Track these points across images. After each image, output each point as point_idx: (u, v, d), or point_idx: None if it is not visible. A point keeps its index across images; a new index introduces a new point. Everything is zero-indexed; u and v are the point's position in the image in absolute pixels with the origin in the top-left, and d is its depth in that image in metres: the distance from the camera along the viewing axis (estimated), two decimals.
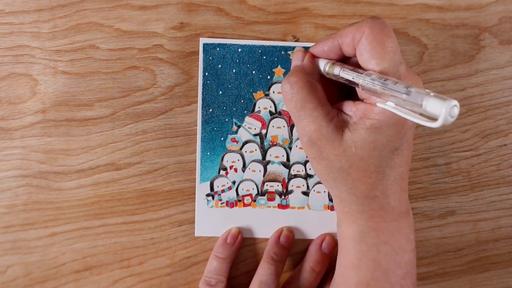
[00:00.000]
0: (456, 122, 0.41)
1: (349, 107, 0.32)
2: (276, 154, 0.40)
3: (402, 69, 0.30)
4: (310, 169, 0.41)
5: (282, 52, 0.39)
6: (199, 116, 0.40)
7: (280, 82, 0.40)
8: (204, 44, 0.39)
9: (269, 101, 0.40)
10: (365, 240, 0.33)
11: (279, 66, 0.39)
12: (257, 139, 0.40)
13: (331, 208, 0.41)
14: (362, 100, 0.32)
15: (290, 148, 0.40)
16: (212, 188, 0.41)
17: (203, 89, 0.39)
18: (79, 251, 0.41)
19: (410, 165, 0.34)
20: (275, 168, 0.41)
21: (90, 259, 0.41)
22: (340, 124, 0.31)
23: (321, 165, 0.32)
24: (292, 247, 0.41)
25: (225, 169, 0.40)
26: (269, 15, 0.39)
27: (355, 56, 0.31)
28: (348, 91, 0.35)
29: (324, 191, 0.41)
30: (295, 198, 0.41)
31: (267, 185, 0.41)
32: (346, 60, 0.33)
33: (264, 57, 0.39)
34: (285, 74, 0.40)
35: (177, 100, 0.40)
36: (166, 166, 0.40)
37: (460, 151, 0.42)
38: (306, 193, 0.41)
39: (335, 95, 0.35)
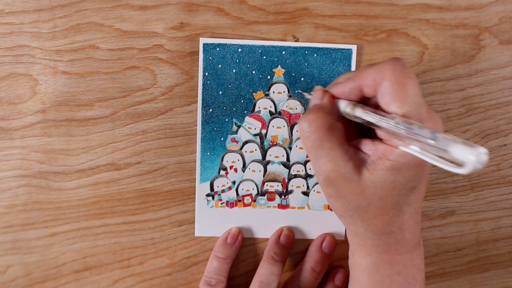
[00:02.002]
0: (456, 122, 0.41)
1: (368, 146, 0.32)
2: (276, 154, 0.40)
3: (423, 111, 0.30)
4: (310, 169, 0.41)
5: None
6: (199, 116, 0.40)
7: (280, 82, 0.40)
8: (204, 44, 0.39)
9: (269, 101, 0.40)
10: (379, 271, 0.34)
11: (279, 66, 0.39)
12: (257, 139, 0.40)
13: (331, 208, 0.41)
14: (381, 140, 0.31)
15: (290, 148, 0.40)
16: (212, 188, 0.41)
17: (203, 89, 0.39)
18: (79, 251, 0.41)
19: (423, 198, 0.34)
20: (275, 168, 0.41)
21: (90, 259, 0.41)
22: (358, 164, 0.31)
23: (338, 203, 0.32)
24: (292, 247, 0.41)
25: (225, 169, 0.40)
26: (269, 15, 0.39)
27: (375, 97, 0.31)
28: (365, 128, 0.34)
29: None
30: (295, 198, 0.41)
31: (267, 185, 0.41)
32: (365, 100, 0.33)
33: (264, 57, 0.39)
34: (285, 74, 0.40)
35: (177, 100, 0.40)
36: (166, 166, 0.40)
37: None
38: (306, 193, 0.41)
39: (353, 131, 0.35)
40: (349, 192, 0.31)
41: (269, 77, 0.40)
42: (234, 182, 0.41)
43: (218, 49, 0.39)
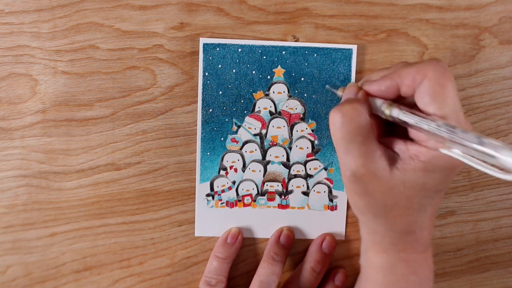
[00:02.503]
0: None
1: (399, 145, 0.31)
2: (276, 154, 0.40)
3: (462, 116, 0.29)
4: (310, 169, 0.41)
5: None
6: (199, 116, 0.40)
7: (280, 82, 0.40)
8: (204, 44, 0.39)
9: (269, 101, 0.40)
10: (395, 270, 0.33)
11: (279, 66, 0.39)
12: (257, 139, 0.40)
13: (331, 208, 0.41)
14: (412, 140, 0.31)
15: (290, 148, 0.40)
16: (212, 188, 0.41)
17: (203, 89, 0.39)
18: (79, 251, 0.41)
19: None
20: (275, 168, 0.41)
21: (90, 259, 0.41)
22: (388, 162, 0.31)
23: (363, 201, 0.32)
24: (292, 247, 0.41)
25: (225, 169, 0.40)
26: (269, 15, 0.39)
27: (412, 96, 0.31)
28: (392, 127, 0.34)
29: (324, 191, 0.41)
30: (295, 198, 0.41)
31: (267, 185, 0.41)
32: (399, 100, 0.32)
33: (264, 57, 0.39)
34: (285, 74, 0.40)
35: (177, 100, 0.40)
36: (166, 166, 0.40)
37: None
38: (306, 193, 0.41)
39: (380, 130, 0.34)
40: (376, 189, 0.31)
41: (269, 77, 0.40)
42: (234, 182, 0.41)
43: (218, 49, 0.39)
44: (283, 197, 0.41)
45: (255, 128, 0.40)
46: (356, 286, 0.38)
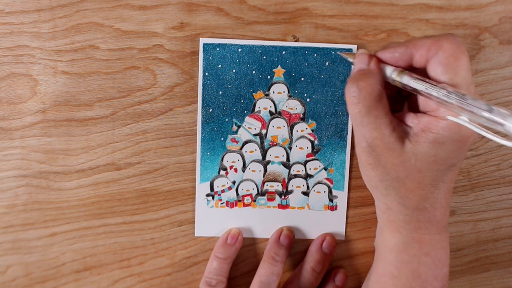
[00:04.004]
0: None
1: (411, 118, 0.32)
2: (276, 154, 0.40)
3: (472, 88, 0.30)
4: (310, 169, 0.41)
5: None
6: (199, 116, 0.40)
7: (280, 82, 0.40)
8: (204, 44, 0.39)
9: (269, 101, 0.40)
10: (408, 250, 0.34)
11: (279, 66, 0.39)
12: (257, 139, 0.40)
13: (331, 208, 0.41)
14: (423, 112, 0.32)
15: (290, 148, 0.40)
16: (212, 188, 0.41)
17: (203, 89, 0.39)
18: (79, 251, 0.41)
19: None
20: (275, 168, 0.41)
21: (90, 259, 0.41)
22: (401, 134, 0.32)
23: (375, 172, 0.33)
24: (292, 247, 0.41)
25: (225, 169, 0.40)
26: (269, 15, 0.39)
27: (423, 68, 0.31)
28: (402, 102, 0.35)
29: (324, 191, 0.41)
30: (295, 198, 0.41)
31: (267, 185, 0.41)
32: (411, 70, 0.33)
33: (264, 57, 0.39)
34: (285, 74, 0.40)
35: (177, 100, 0.40)
36: (166, 166, 0.40)
37: None
38: (306, 193, 0.41)
39: (392, 104, 0.35)
40: (389, 161, 0.32)
41: (269, 77, 0.40)
42: (234, 182, 0.41)
43: (218, 49, 0.39)
44: (283, 197, 0.41)
45: (255, 128, 0.40)
46: (371, 269, 0.38)
